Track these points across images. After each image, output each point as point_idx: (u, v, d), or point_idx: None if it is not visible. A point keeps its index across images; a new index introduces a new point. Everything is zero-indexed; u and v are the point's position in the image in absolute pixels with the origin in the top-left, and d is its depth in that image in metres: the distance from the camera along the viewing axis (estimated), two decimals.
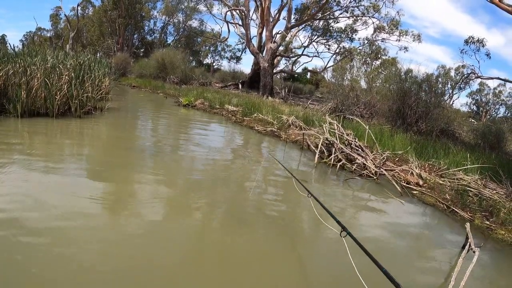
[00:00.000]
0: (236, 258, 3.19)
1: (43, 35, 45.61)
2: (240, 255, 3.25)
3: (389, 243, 4.07)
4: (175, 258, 3.04)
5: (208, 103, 14.78)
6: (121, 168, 5.31)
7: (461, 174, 6.50)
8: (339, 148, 7.37)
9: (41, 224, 3.18)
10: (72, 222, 3.27)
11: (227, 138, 9.79)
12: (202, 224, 3.78)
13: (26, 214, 3.28)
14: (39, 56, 8.78)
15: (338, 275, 3.12)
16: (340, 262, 3.19)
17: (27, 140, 6.44)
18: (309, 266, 3.26)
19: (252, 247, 3.44)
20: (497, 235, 4.61)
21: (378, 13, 22.98)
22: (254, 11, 26.09)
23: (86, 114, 9.22)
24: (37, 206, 3.51)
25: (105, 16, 34.62)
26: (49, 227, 3.15)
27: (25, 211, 3.35)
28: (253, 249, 3.40)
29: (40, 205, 3.55)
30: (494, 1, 8.88)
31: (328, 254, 3.55)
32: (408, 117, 11.76)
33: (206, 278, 2.79)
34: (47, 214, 3.37)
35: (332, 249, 3.55)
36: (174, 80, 24.76)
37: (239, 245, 3.43)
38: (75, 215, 3.40)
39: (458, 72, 31.12)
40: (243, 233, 3.67)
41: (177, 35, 42.23)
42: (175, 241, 3.33)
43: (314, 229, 4.11)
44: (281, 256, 3.32)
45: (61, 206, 3.55)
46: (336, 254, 3.37)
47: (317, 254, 3.53)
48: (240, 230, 3.72)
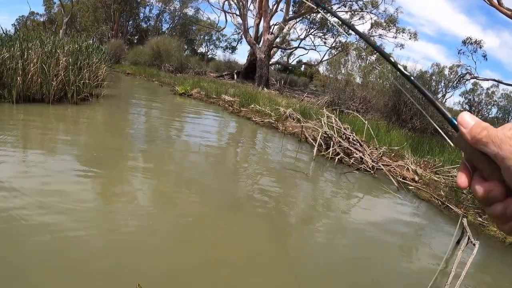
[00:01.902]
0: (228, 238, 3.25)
1: (36, 20, 44.53)
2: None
3: (386, 235, 4.19)
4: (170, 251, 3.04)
5: (205, 93, 14.72)
6: (120, 156, 5.31)
7: (455, 172, 6.63)
8: (337, 142, 7.44)
9: (30, 214, 3.05)
10: (65, 209, 3.26)
11: (226, 129, 9.81)
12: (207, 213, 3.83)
13: (11, 204, 3.14)
14: (36, 41, 8.60)
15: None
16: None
17: (23, 127, 6.37)
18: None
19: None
20: (489, 232, 4.77)
21: (377, 9, 22.99)
22: (252, 1, 25.87)
23: (82, 101, 9.12)
24: (26, 196, 3.35)
25: (100, 2, 33.94)
26: (40, 218, 3.03)
27: (12, 201, 3.19)
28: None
29: (30, 195, 3.39)
30: (493, 3, 8.97)
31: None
32: (403, 113, 11.90)
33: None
34: (36, 204, 3.23)
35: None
36: (169, 69, 24.55)
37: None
38: (68, 203, 3.34)
39: (452, 70, 31.38)
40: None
41: (173, 23, 41.74)
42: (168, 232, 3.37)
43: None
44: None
45: (53, 195, 3.47)
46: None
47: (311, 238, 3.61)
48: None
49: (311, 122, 9.24)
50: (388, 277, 3.26)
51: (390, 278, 3.24)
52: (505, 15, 8.99)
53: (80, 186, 3.84)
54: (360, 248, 3.69)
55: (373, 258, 3.54)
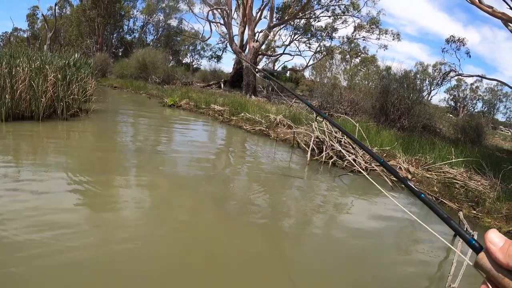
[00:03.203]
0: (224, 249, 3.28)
1: (19, 36, 44.10)
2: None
3: (384, 232, 4.32)
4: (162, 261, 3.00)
5: (194, 103, 14.74)
6: (116, 171, 5.30)
7: (447, 168, 6.81)
8: (330, 146, 7.55)
9: (23, 233, 2.97)
10: (57, 226, 3.25)
11: (218, 138, 9.85)
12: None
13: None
14: (24, 57, 8.53)
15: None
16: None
17: (13, 145, 6.31)
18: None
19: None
20: (484, 223, 4.96)
21: (359, 12, 23.45)
22: (235, 10, 26.07)
23: (72, 117, 9.04)
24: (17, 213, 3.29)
25: (83, 16, 33.74)
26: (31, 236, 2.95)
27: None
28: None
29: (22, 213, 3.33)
30: (474, 2, 9.28)
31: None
32: (391, 113, 12.12)
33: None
34: (28, 222, 3.16)
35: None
36: (156, 80, 24.51)
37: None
38: (60, 220, 3.30)
39: (436, 68, 32.18)
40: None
41: (157, 34, 41.75)
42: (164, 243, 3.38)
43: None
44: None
45: (45, 211, 3.44)
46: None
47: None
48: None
49: (302, 128, 9.35)
50: (389, 272, 3.34)
51: (391, 273, 3.33)
52: (486, 12, 9.32)
53: (73, 201, 3.82)
54: (359, 246, 3.78)
55: (373, 254, 3.63)
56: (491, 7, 9.69)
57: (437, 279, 3.25)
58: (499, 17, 9.94)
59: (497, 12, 9.87)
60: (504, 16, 9.80)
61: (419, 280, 3.27)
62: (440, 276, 3.28)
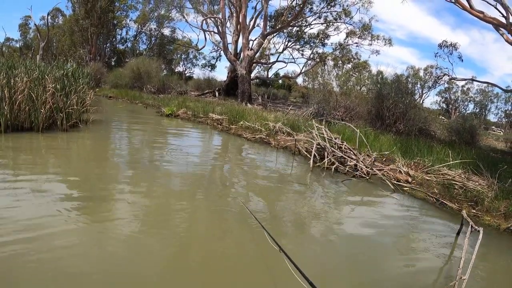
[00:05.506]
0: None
1: (12, 46, 43.83)
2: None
3: (389, 233, 4.46)
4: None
5: (192, 112, 14.77)
6: (123, 184, 5.34)
7: (445, 170, 6.95)
8: (331, 152, 7.65)
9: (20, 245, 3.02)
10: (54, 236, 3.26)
11: (219, 147, 9.92)
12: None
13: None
14: (22, 67, 8.53)
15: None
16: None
17: (13, 157, 6.31)
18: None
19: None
20: (484, 221, 5.13)
21: (351, 19, 23.82)
22: (228, 18, 26.29)
23: (72, 128, 9.00)
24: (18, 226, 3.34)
25: (76, 25, 33.71)
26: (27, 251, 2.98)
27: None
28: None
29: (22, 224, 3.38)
30: (465, 7, 9.55)
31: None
32: (387, 118, 12.30)
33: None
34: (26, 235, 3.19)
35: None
36: (151, 90, 24.50)
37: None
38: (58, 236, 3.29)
39: (427, 72, 32.70)
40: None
41: (150, 43, 41.82)
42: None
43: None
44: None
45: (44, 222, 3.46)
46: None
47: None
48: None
49: (302, 135, 9.44)
50: (395, 272, 3.45)
51: (403, 270, 3.46)
52: (478, 17, 9.59)
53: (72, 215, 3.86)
54: (362, 248, 3.91)
55: (378, 255, 3.77)
56: (482, 12, 9.97)
57: (445, 273, 3.49)
58: (490, 22, 10.23)
59: (488, 17, 10.17)
60: (495, 21, 10.09)
61: (430, 274, 3.45)
62: (449, 269, 3.53)
